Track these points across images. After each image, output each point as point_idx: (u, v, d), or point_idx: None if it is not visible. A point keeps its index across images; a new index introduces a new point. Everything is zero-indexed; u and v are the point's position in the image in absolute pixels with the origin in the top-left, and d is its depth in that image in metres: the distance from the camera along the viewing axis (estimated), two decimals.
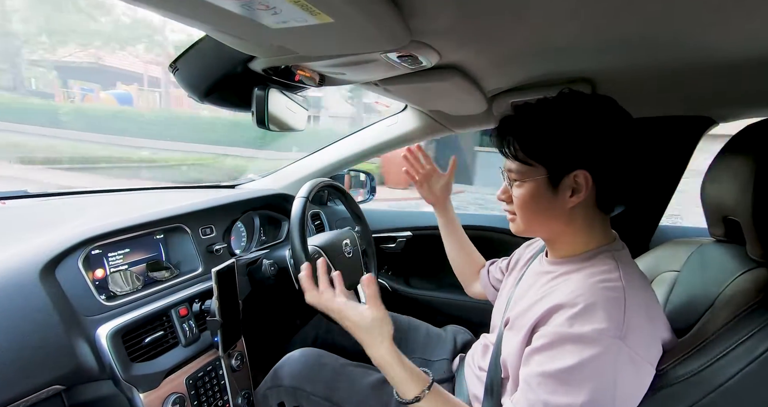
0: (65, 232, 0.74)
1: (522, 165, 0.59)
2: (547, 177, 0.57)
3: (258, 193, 1.21)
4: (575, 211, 0.58)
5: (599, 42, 0.61)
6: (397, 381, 0.62)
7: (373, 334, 0.63)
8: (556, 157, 0.56)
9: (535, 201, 0.59)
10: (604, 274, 0.54)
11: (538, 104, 0.59)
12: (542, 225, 0.62)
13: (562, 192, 0.57)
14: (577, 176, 0.55)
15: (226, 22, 0.48)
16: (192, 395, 0.79)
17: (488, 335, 0.79)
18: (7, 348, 0.57)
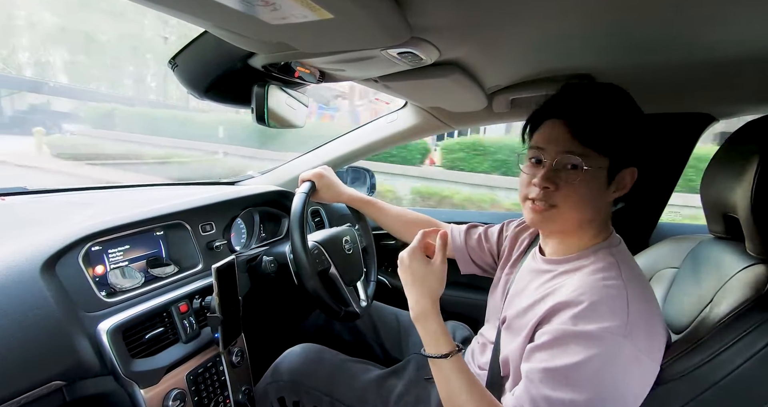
0: (65, 229, 0.74)
1: (589, 150, 0.54)
2: (607, 169, 0.55)
3: (258, 190, 1.21)
4: (606, 209, 0.59)
5: (599, 38, 0.61)
6: (432, 335, 0.61)
7: (426, 285, 0.63)
8: (622, 150, 0.55)
9: (591, 191, 0.55)
10: (604, 272, 0.54)
11: (604, 90, 0.57)
12: (581, 219, 0.58)
13: (611, 187, 0.56)
14: (628, 173, 0.56)
15: (226, 18, 0.48)
16: (192, 391, 0.80)
17: (485, 332, 0.79)
18: (7, 344, 0.57)
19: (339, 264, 0.98)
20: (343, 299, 0.96)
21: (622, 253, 0.59)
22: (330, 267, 0.95)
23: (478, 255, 0.89)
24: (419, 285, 0.63)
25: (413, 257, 0.65)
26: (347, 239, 1.07)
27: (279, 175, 1.41)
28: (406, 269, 0.65)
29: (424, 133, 1.34)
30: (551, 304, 0.53)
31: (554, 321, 0.52)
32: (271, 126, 0.84)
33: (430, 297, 0.63)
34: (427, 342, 0.62)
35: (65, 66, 12.28)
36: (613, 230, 0.62)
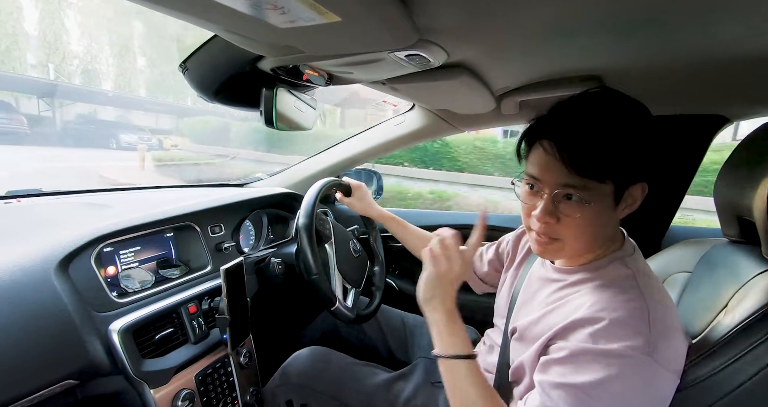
0: (78, 230, 0.75)
1: (588, 181, 0.50)
2: (613, 193, 0.51)
3: (266, 192, 1.22)
4: (616, 224, 0.57)
5: (608, 38, 0.60)
6: (446, 334, 0.60)
7: (445, 283, 0.62)
8: (627, 171, 0.50)
9: (598, 222, 0.52)
10: (621, 285, 0.52)
11: (603, 105, 0.52)
12: (588, 245, 0.56)
13: (620, 206, 0.53)
14: (636, 189, 0.52)
15: (235, 21, 0.49)
16: (201, 391, 0.80)
17: (492, 334, 0.78)
18: (22, 343, 0.58)
19: (346, 266, 0.98)
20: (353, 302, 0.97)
21: (638, 263, 0.56)
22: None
23: (484, 274, 0.90)
24: (443, 277, 0.62)
25: (450, 252, 0.64)
26: (355, 241, 1.08)
27: (287, 177, 1.42)
28: (443, 255, 0.63)
29: (432, 136, 1.33)
30: (566, 321, 0.51)
31: (571, 337, 0.51)
32: (279, 128, 0.85)
33: (451, 295, 0.62)
34: (440, 342, 0.60)
35: (142, 78, 12.85)
36: (626, 236, 0.60)
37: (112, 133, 9.90)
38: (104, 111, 11.41)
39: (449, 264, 0.63)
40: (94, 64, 11.80)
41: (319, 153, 1.41)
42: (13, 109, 8.93)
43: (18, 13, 10.02)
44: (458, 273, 0.63)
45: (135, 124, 11.56)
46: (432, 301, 0.62)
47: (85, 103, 10.97)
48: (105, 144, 9.63)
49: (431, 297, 0.62)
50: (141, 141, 9.59)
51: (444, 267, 0.63)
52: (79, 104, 10.69)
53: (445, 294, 0.62)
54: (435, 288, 0.62)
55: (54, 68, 10.92)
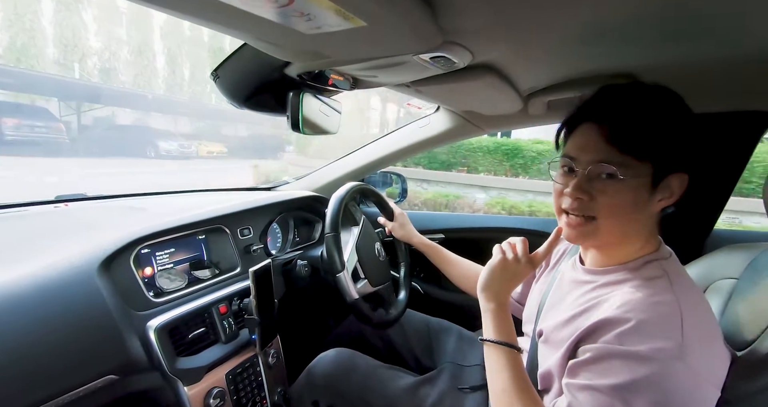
0: (119, 232, 0.79)
1: (627, 158, 0.49)
2: (651, 176, 0.50)
3: (293, 195, 1.24)
4: (651, 219, 0.54)
5: (642, 35, 0.57)
6: (496, 322, 0.63)
7: (506, 276, 0.66)
8: (667, 155, 0.49)
9: (631, 201, 0.51)
10: (653, 287, 0.49)
11: (646, 90, 0.52)
12: (621, 232, 0.54)
13: (657, 194, 0.51)
14: (676, 179, 0.51)
15: (264, 29, 0.50)
16: (232, 390, 0.83)
17: (521, 341, 0.76)
18: (69, 338, 0.62)
19: (371, 269, 0.99)
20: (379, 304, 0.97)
21: (673, 266, 0.54)
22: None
23: (523, 294, 0.86)
24: (501, 272, 0.66)
25: (518, 249, 0.68)
26: (379, 244, 1.08)
27: (313, 181, 1.44)
28: (509, 257, 0.67)
29: (457, 138, 1.32)
30: (594, 321, 0.50)
31: (597, 338, 0.49)
32: (305, 132, 0.87)
33: (508, 290, 0.66)
34: (493, 329, 0.62)
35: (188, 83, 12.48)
36: (662, 242, 0.58)
37: (148, 140, 9.15)
38: (126, 114, 10.16)
39: (515, 258, 0.66)
40: (112, 62, 10.37)
41: (344, 156, 1.43)
42: (52, 117, 7.87)
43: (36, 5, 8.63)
44: (521, 270, 0.66)
45: (165, 128, 10.59)
46: (488, 291, 0.65)
47: (119, 106, 9.70)
48: (140, 152, 8.77)
49: (489, 286, 0.66)
50: (182, 148, 9.24)
51: (510, 260, 0.66)
52: (108, 107, 9.38)
53: (502, 287, 0.65)
54: (494, 279, 0.66)
55: (78, 67, 9.56)
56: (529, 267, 0.66)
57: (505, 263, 0.66)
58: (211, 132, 12.27)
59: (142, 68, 10.96)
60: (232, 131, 12.92)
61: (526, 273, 0.66)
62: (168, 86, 11.88)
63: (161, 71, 11.63)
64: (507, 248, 0.68)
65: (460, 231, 1.45)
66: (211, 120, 12.78)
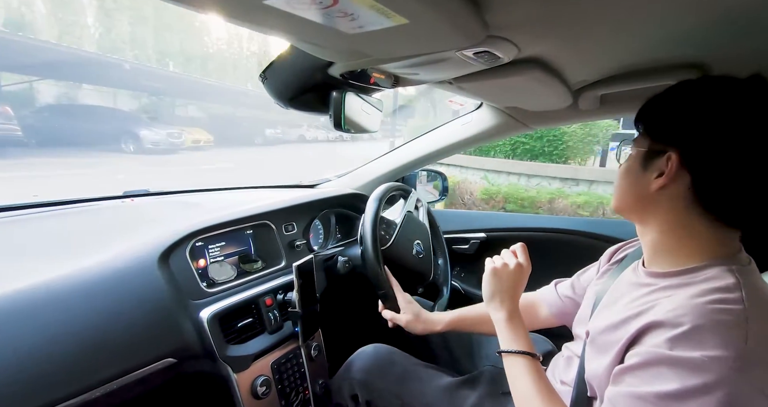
0: (176, 226, 0.85)
1: (640, 137, 0.56)
2: (645, 149, 0.53)
3: (334, 193, 1.27)
4: (663, 199, 0.52)
5: (712, 19, 0.52)
6: (508, 331, 0.66)
7: (504, 283, 0.70)
8: (659, 123, 0.53)
9: (626, 171, 0.57)
10: (719, 293, 0.45)
11: (705, 82, 0.52)
12: (630, 206, 0.57)
13: (650, 171, 0.53)
14: (670, 157, 0.50)
15: (308, 31, 0.51)
16: (276, 379, 0.86)
17: (572, 345, 0.73)
18: (133, 322, 0.68)
19: (409, 268, 0.99)
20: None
21: (750, 275, 0.48)
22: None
23: (557, 309, 0.84)
24: (506, 282, 0.70)
25: (507, 254, 0.73)
26: (418, 242, 1.08)
27: (353, 179, 1.46)
28: (498, 265, 0.71)
29: (500, 135, 1.28)
30: (643, 323, 0.46)
31: (645, 342, 0.46)
32: (347, 131, 0.88)
33: (514, 297, 0.70)
34: (507, 339, 0.66)
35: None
36: (741, 248, 0.52)
37: (118, 127, 6.87)
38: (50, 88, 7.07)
39: (505, 262, 0.71)
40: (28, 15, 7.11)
41: (384, 154, 1.44)
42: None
43: None
44: (514, 271, 0.70)
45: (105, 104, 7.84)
46: (493, 301, 0.70)
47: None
48: (111, 146, 6.30)
49: (492, 296, 0.70)
50: (171, 138, 7.28)
51: (499, 268, 0.71)
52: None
53: (505, 293, 0.69)
54: (494, 287, 0.70)
55: None
56: (521, 269, 0.71)
57: (495, 271, 0.70)
58: (167, 112, 9.94)
59: (67, 25, 8.55)
60: (183, 111, 10.81)
61: (521, 276, 0.71)
62: (101, 46, 9.16)
63: (93, 28, 8.94)
64: (496, 257, 0.73)
65: (503, 231, 1.41)
66: (167, 96, 10.28)
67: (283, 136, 13.13)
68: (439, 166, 1.63)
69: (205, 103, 11.92)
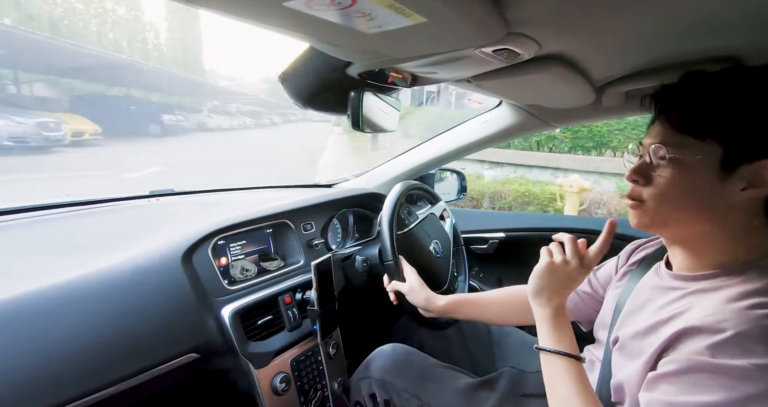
0: (200, 224, 0.87)
1: (684, 137, 0.47)
2: (721, 157, 0.45)
3: (352, 192, 1.28)
4: (736, 212, 0.47)
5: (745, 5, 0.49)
6: (552, 330, 0.59)
7: (556, 279, 0.62)
8: (742, 132, 0.44)
9: (690, 187, 0.47)
10: (759, 297, 0.42)
11: (721, 74, 0.47)
12: (683, 222, 0.50)
13: (734, 181, 0.45)
14: (763, 166, 0.44)
15: (326, 31, 0.52)
16: (296, 376, 0.88)
17: (593, 349, 0.71)
18: (158, 317, 0.70)
19: (427, 268, 0.98)
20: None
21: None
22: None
23: (596, 302, 0.78)
24: (559, 278, 0.62)
25: (567, 248, 0.63)
26: (437, 241, 1.07)
27: (371, 178, 1.47)
28: (557, 259, 0.63)
29: (520, 133, 1.26)
30: (679, 328, 0.44)
31: (683, 348, 0.44)
32: (365, 131, 0.88)
33: (562, 295, 0.62)
34: (548, 337, 0.59)
35: None
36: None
37: None
38: None
39: (563, 260, 0.62)
40: None
41: (402, 153, 1.43)
42: None
43: None
44: (573, 271, 0.62)
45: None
46: (540, 296, 0.62)
47: None
48: None
49: (540, 291, 0.62)
50: (45, 130, 4.97)
51: (558, 261, 0.62)
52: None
53: (553, 291, 0.61)
54: (544, 283, 0.62)
55: None
56: (581, 269, 0.62)
57: (552, 266, 0.62)
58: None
59: None
60: (27, 90, 7.53)
61: (579, 276, 0.62)
62: None
63: None
64: (555, 249, 0.64)
65: (522, 231, 1.38)
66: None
67: (186, 123, 10.97)
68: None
69: (62, 78, 7.99)
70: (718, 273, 0.48)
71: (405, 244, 0.96)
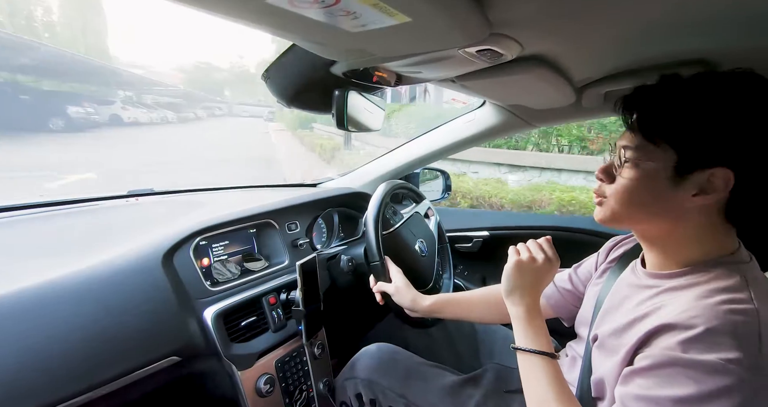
0: (181, 225, 0.86)
1: (645, 141, 0.49)
2: (674, 163, 0.48)
3: (337, 192, 1.27)
4: (692, 214, 0.49)
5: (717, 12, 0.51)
6: (526, 329, 0.61)
7: (527, 277, 0.64)
8: (696, 141, 0.46)
9: (644, 189, 0.50)
10: (728, 293, 0.44)
11: (688, 80, 0.49)
12: (643, 221, 0.53)
13: (685, 187, 0.48)
14: (715, 174, 0.46)
15: (310, 30, 0.51)
16: (280, 377, 0.87)
17: (574, 345, 0.73)
18: (138, 321, 0.68)
19: (412, 267, 0.98)
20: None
21: (753, 271, 0.48)
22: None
23: (577, 299, 0.80)
24: (529, 275, 0.64)
25: (534, 245, 0.67)
26: (422, 240, 1.07)
27: (356, 178, 1.46)
28: (524, 257, 0.65)
29: (503, 133, 1.28)
30: (653, 325, 0.46)
31: (657, 344, 0.45)
32: (349, 130, 0.88)
33: (535, 292, 0.64)
34: (524, 336, 0.61)
35: None
36: (741, 244, 0.52)
37: None
38: None
39: (532, 256, 0.64)
40: None
41: (387, 153, 1.44)
42: None
43: None
44: (541, 268, 0.64)
45: None
46: (513, 295, 0.64)
47: None
48: None
49: (512, 290, 0.64)
50: None
51: (525, 259, 0.64)
52: None
53: (525, 290, 0.63)
54: (515, 282, 0.64)
55: None
56: (548, 265, 0.64)
57: (521, 264, 0.64)
58: None
59: None
60: None
61: (547, 272, 0.64)
62: None
63: None
64: (521, 248, 0.66)
65: (506, 230, 1.40)
66: None
67: (97, 116, 9.36)
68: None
69: None
70: (689, 271, 0.50)
71: (390, 244, 0.96)
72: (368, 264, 0.92)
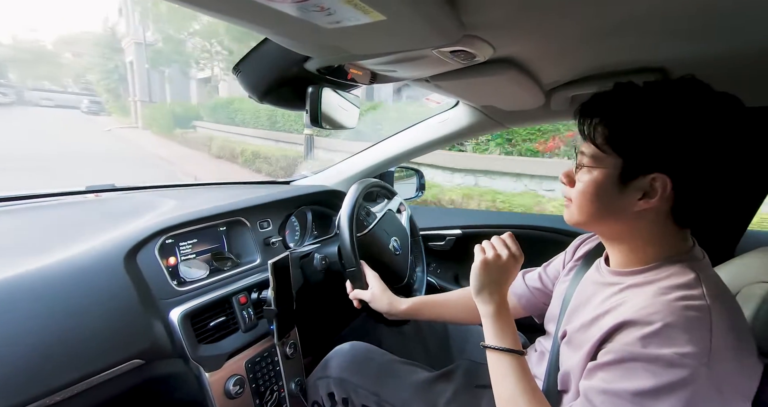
0: (145, 222, 0.82)
1: (596, 150, 0.53)
2: (619, 171, 0.51)
3: (310, 189, 1.26)
4: (642, 217, 0.52)
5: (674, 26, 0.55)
6: (495, 327, 0.63)
7: (494, 274, 0.65)
8: (638, 149, 0.50)
9: (597, 193, 0.54)
10: (683, 290, 0.47)
11: (641, 88, 0.52)
12: (598, 221, 0.56)
13: (630, 192, 0.51)
14: (655, 180, 0.49)
15: (284, 24, 0.50)
16: (251, 378, 0.85)
17: (543, 341, 0.75)
18: (97, 323, 0.65)
19: (387, 265, 0.99)
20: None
21: (706, 269, 0.52)
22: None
23: (547, 297, 0.82)
24: (495, 273, 0.66)
25: (497, 242, 0.69)
26: (396, 239, 1.08)
27: (330, 175, 1.45)
28: (489, 255, 0.67)
29: (476, 133, 1.31)
30: (615, 322, 0.48)
31: (618, 340, 0.48)
32: (323, 127, 0.87)
33: (501, 291, 0.65)
34: (493, 334, 0.62)
35: None
36: (695, 243, 0.56)
37: None
38: None
39: (497, 253, 0.66)
40: None
41: (361, 151, 1.43)
42: None
43: None
44: (506, 264, 0.66)
45: None
46: (482, 293, 0.65)
47: None
48: None
49: (480, 288, 0.65)
50: None
51: (491, 256, 0.66)
52: None
53: (493, 287, 0.65)
54: (483, 280, 0.65)
55: None
56: (512, 261, 0.67)
57: (486, 262, 0.66)
58: None
59: None
60: None
61: (512, 267, 0.67)
62: None
63: None
64: (486, 246, 0.68)
65: (478, 228, 1.43)
66: None
67: None
68: None
69: None
70: (648, 269, 0.53)
71: (365, 245, 0.96)
72: (343, 268, 0.92)
